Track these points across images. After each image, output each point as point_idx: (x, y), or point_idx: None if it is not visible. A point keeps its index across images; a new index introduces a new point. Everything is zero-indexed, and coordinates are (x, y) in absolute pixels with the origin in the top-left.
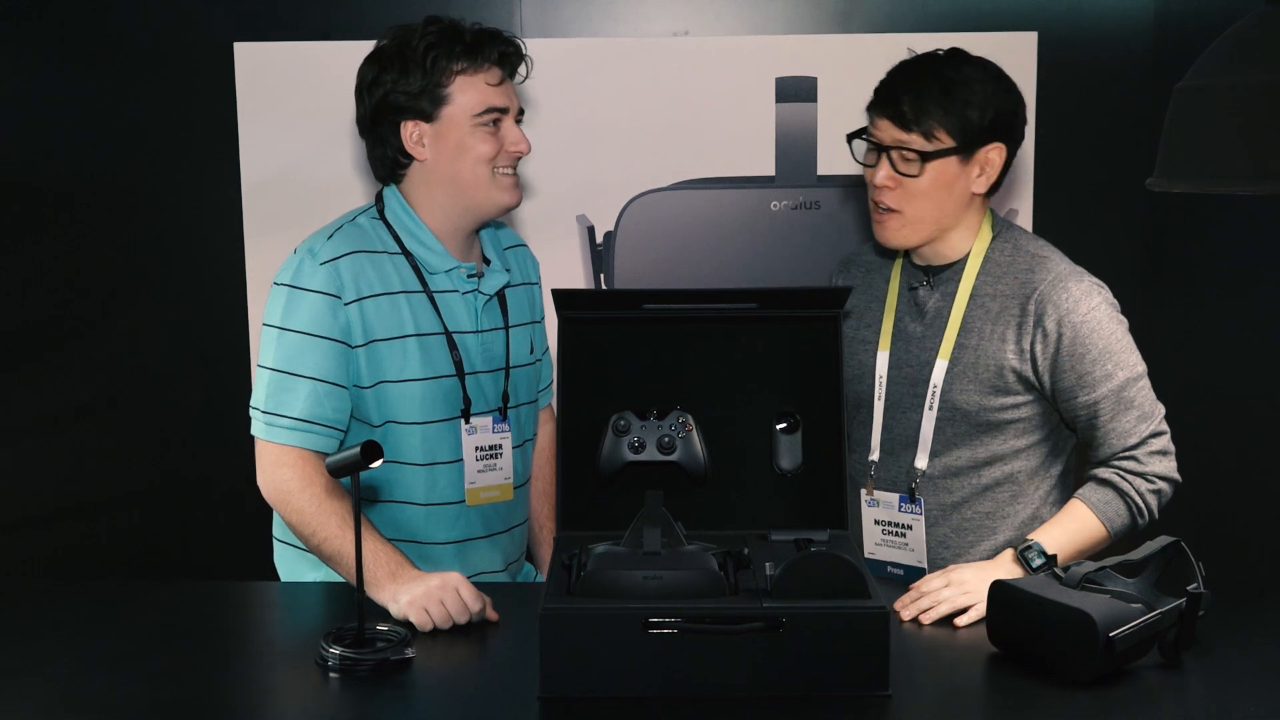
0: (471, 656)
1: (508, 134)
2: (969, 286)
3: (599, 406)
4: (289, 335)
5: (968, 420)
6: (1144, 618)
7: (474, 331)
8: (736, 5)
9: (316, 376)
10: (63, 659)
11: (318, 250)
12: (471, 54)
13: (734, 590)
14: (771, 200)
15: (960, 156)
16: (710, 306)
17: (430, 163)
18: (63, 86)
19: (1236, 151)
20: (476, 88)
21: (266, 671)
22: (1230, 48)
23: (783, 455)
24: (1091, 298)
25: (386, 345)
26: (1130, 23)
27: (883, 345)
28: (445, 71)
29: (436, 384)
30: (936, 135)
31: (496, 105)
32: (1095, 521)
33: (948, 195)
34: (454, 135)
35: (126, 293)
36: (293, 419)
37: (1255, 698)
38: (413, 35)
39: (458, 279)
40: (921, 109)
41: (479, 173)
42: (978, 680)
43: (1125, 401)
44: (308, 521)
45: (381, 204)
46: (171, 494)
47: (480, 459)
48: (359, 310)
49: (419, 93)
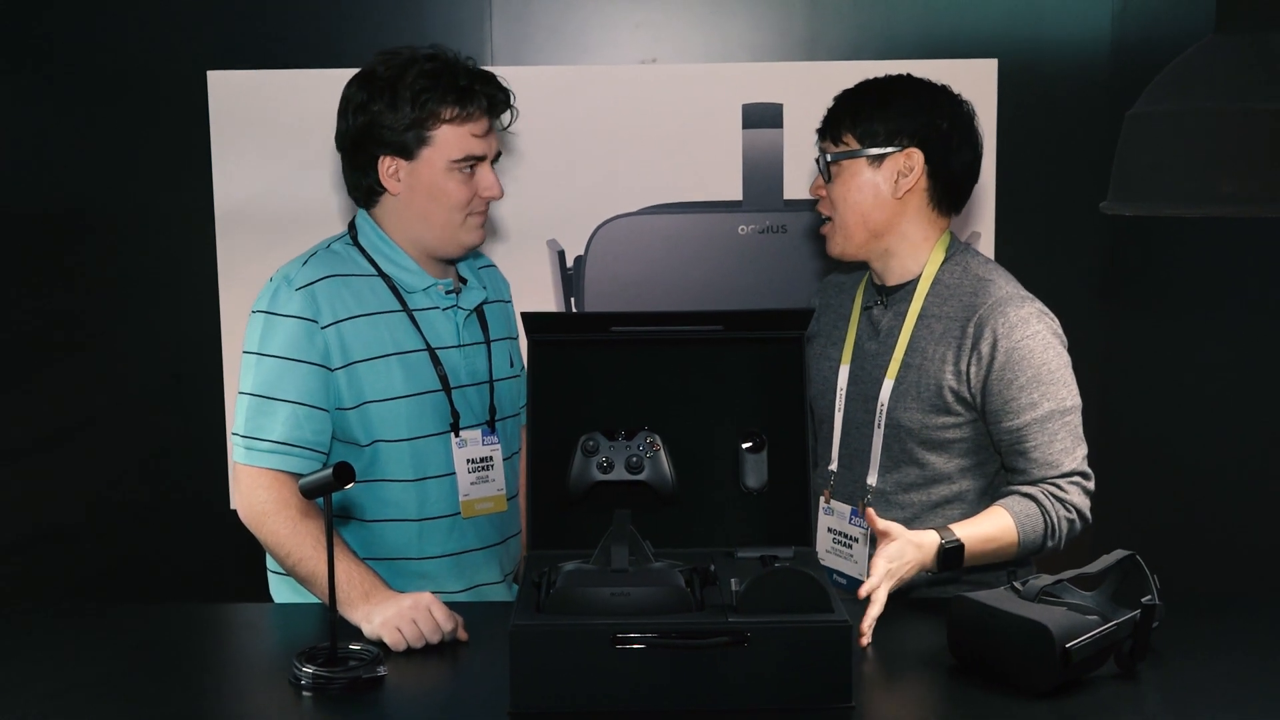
0: (443, 674)
1: (482, 180)
2: (918, 307)
3: (568, 427)
4: (267, 360)
5: (913, 438)
6: (1099, 629)
7: (456, 346)
8: (703, 33)
9: (295, 400)
10: (36, 683)
11: (293, 276)
12: (463, 101)
13: (700, 606)
14: (739, 224)
15: (868, 160)
16: (677, 329)
17: (403, 198)
18: (35, 114)
19: (1185, 175)
20: (460, 136)
21: (239, 691)
22: (1179, 75)
23: (748, 474)
24: (1029, 324)
25: (367, 365)
26: (1088, 51)
27: (845, 360)
28: (433, 115)
29: (422, 400)
30: (844, 140)
31: (476, 154)
32: (1013, 530)
33: (864, 198)
34: (429, 177)
35: (101, 319)
36: (272, 442)
37: (1208, 706)
38: (409, 69)
39: (436, 295)
40: (833, 117)
41: (451, 217)
42: (938, 691)
43: (1049, 433)
44: (283, 543)
45: (355, 231)
46: (146, 517)
47: (472, 471)
48: (337, 333)
49: (403, 129)
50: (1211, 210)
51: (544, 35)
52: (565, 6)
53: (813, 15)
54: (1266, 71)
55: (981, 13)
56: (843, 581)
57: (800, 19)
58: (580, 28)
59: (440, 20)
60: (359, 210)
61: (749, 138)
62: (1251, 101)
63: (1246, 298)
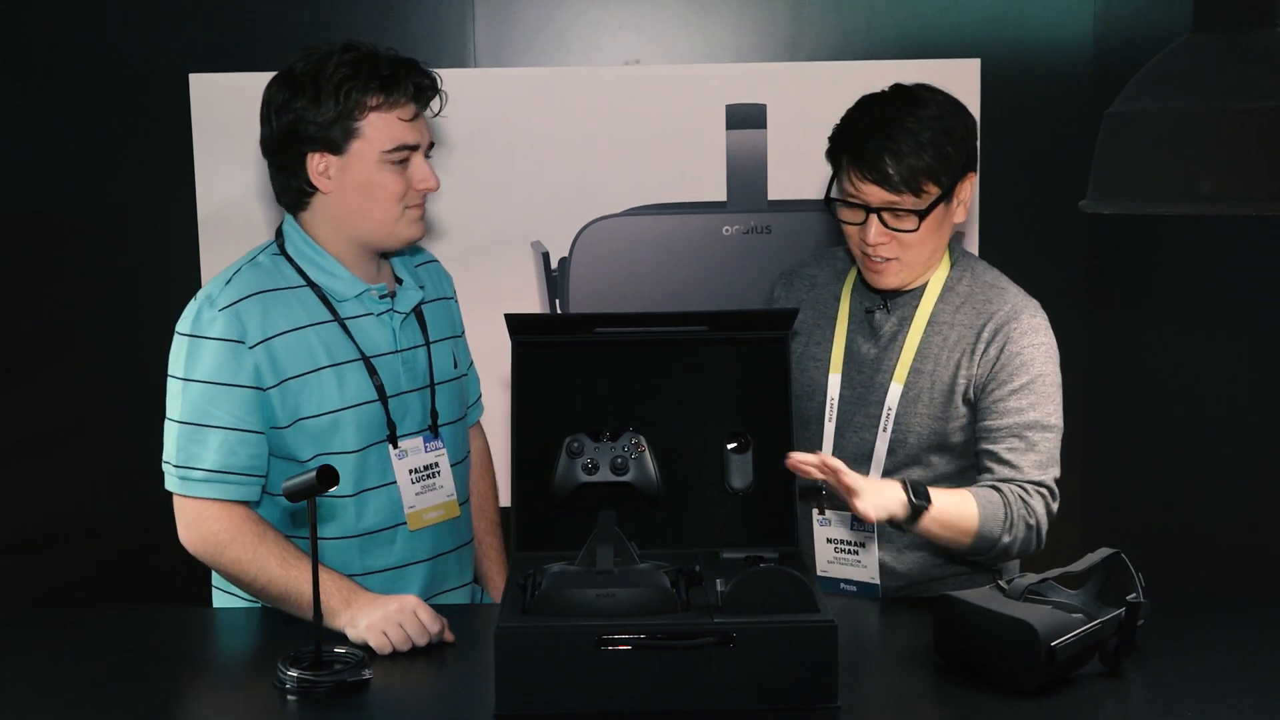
0: (428, 676)
1: (416, 171)
2: (927, 313)
3: (553, 429)
4: (194, 386)
5: (919, 442)
6: (1084, 627)
7: (394, 352)
8: (687, 34)
9: (226, 425)
10: (18, 687)
11: (216, 296)
12: (387, 88)
13: (685, 607)
14: (723, 225)
15: (945, 201)
16: (662, 330)
17: (335, 196)
18: (16, 118)
19: (1163, 174)
20: (389, 123)
21: (224, 695)
22: (1157, 74)
23: (734, 475)
24: (1038, 334)
25: (300, 381)
26: (1071, 50)
27: (834, 367)
28: (359, 104)
29: (358, 411)
30: (925, 190)
31: (408, 142)
32: (974, 514)
33: (939, 234)
34: (362, 171)
35: (83, 323)
36: (207, 471)
37: (1192, 703)
38: (327, 62)
39: (369, 301)
40: (909, 170)
41: (387, 211)
42: (924, 690)
43: (1028, 442)
44: (246, 569)
45: (281, 239)
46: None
47: (416, 480)
48: (266, 351)
49: (329, 124)
50: (1190, 209)
51: (527, 37)
52: (548, 8)
53: (796, 16)
54: (1244, 70)
55: (964, 13)
56: (853, 589)
57: (783, 20)
58: (563, 29)
59: (422, 22)
60: (285, 216)
61: (733, 138)
62: (1229, 100)
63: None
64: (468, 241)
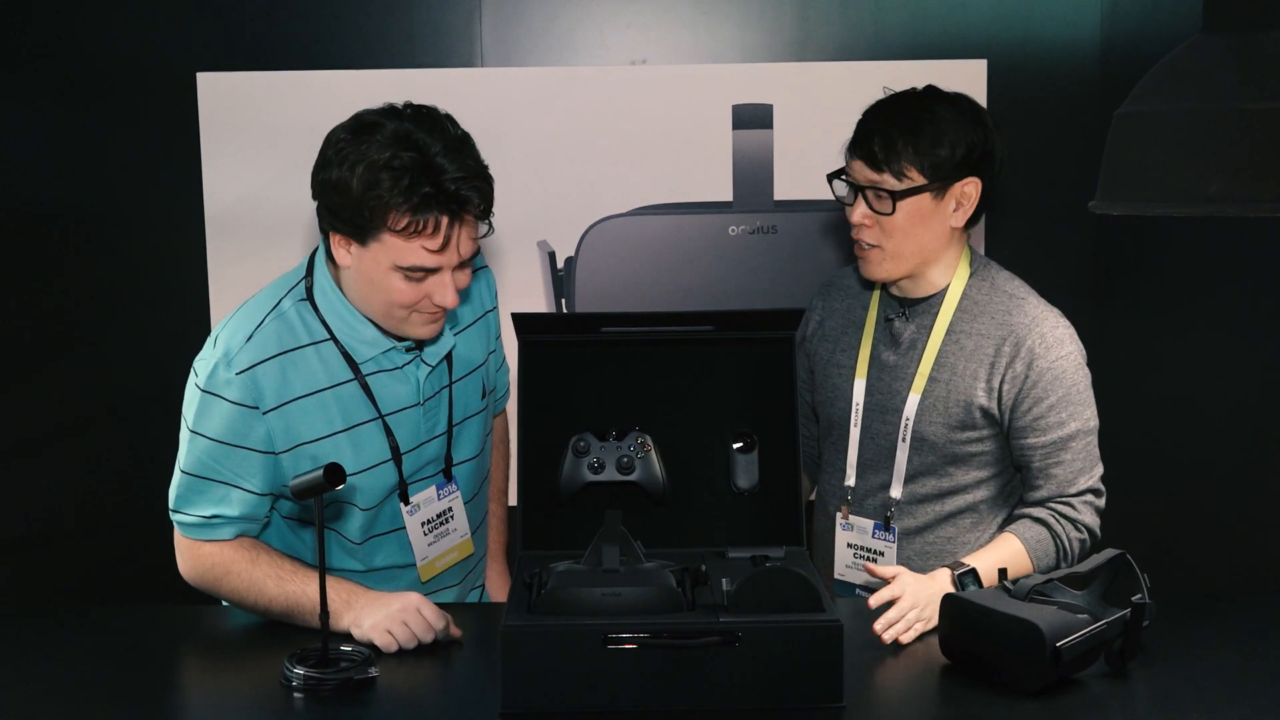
0: (434, 674)
1: (435, 287)
2: (946, 322)
3: (559, 428)
4: (201, 440)
5: (935, 451)
6: (1090, 628)
7: (415, 405)
8: (693, 34)
9: (229, 482)
10: (21, 686)
11: (234, 356)
12: (418, 210)
13: (691, 606)
14: (729, 225)
15: (933, 193)
16: (668, 329)
17: (353, 272)
18: (23, 116)
19: (1172, 175)
20: (411, 248)
21: (230, 693)
22: (1166, 75)
23: (739, 474)
24: (1064, 345)
25: (315, 446)
26: (1078, 51)
27: (860, 373)
28: (380, 220)
29: (372, 473)
30: (907, 174)
31: (426, 266)
32: (1026, 558)
33: (924, 229)
34: (374, 271)
35: (90, 322)
36: (204, 518)
37: (1197, 704)
38: (367, 152)
39: (395, 356)
40: (891, 150)
41: (391, 313)
42: (929, 691)
43: (1072, 451)
44: (246, 597)
45: (310, 279)
46: (135, 521)
47: (429, 530)
48: (280, 417)
49: (350, 215)
50: (1199, 209)
51: (534, 37)
52: (555, 8)
53: (802, 16)
54: (1253, 71)
55: (971, 13)
56: (865, 595)
57: (790, 19)
58: (570, 29)
59: (429, 21)
60: (319, 249)
61: (739, 138)
62: (1239, 101)
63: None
64: None
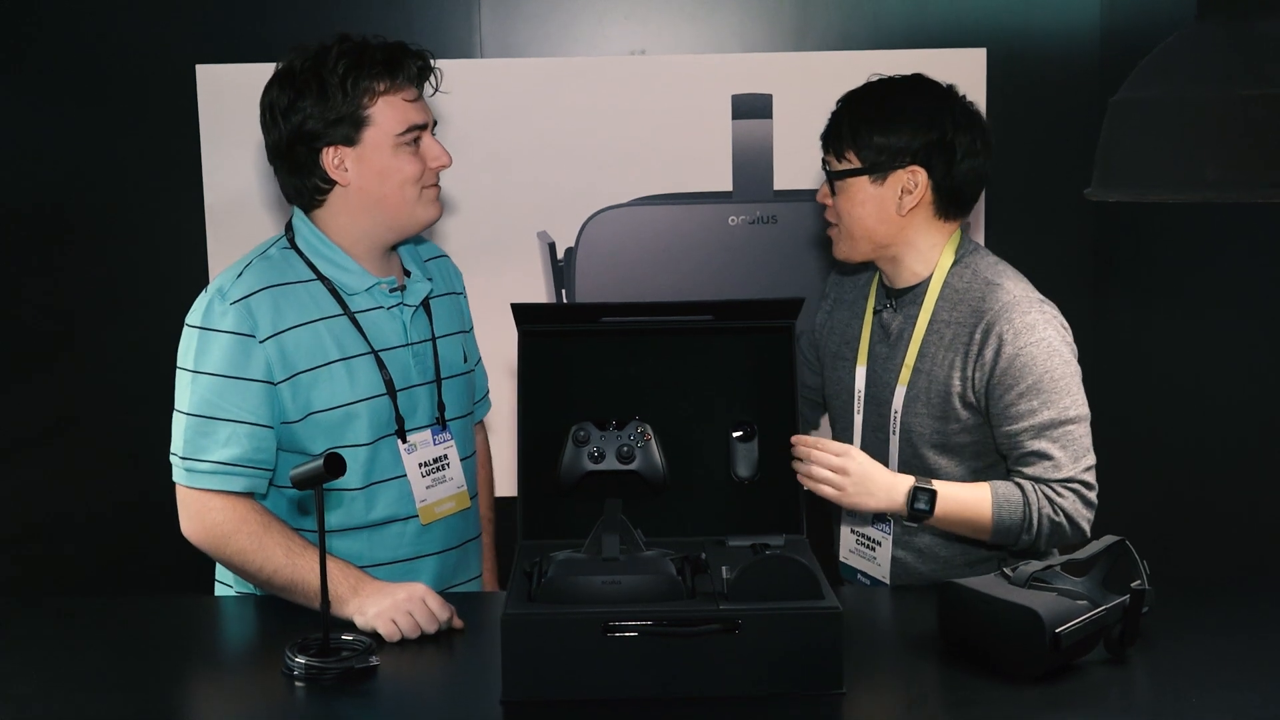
0: (435, 663)
1: (428, 150)
2: (929, 312)
3: (559, 418)
4: (203, 378)
5: (924, 443)
6: (1089, 614)
7: (404, 345)
8: (692, 24)
9: (235, 419)
10: (23, 677)
11: (227, 290)
12: (391, 72)
13: (691, 594)
14: (729, 215)
15: (871, 177)
16: (668, 319)
17: (353, 186)
18: (22, 110)
19: (1168, 161)
20: (397, 107)
21: (231, 682)
22: (1162, 62)
23: (739, 463)
24: (1035, 331)
25: (311, 375)
26: (1077, 39)
27: (860, 361)
28: (366, 92)
29: (369, 405)
30: (846, 157)
31: (417, 122)
32: (988, 510)
33: (865, 213)
34: (378, 158)
35: (90, 314)
36: (215, 463)
37: (1197, 689)
38: (326, 56)
39: (379, 295)
40: (834, 132)
41: (406, 193)
42: (929, 677)
43: (1049, 440)
44: (251, 560)
45: (291, 232)
46: (136, 513)
47: (426, 474)
48: (276, 345)
49: (340, 117)
50: (1196, 196)
51: (533, 27)
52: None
53: (802, 5)
54: (1248, 57)
55: (970, 2)
56: (866, 582)
57: (789, 9)
58: (569, 19)
59: (428, 12)
60: (294, 211)
61: (739, 128)
62: (1234, 87)
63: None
64: (474, 232)
